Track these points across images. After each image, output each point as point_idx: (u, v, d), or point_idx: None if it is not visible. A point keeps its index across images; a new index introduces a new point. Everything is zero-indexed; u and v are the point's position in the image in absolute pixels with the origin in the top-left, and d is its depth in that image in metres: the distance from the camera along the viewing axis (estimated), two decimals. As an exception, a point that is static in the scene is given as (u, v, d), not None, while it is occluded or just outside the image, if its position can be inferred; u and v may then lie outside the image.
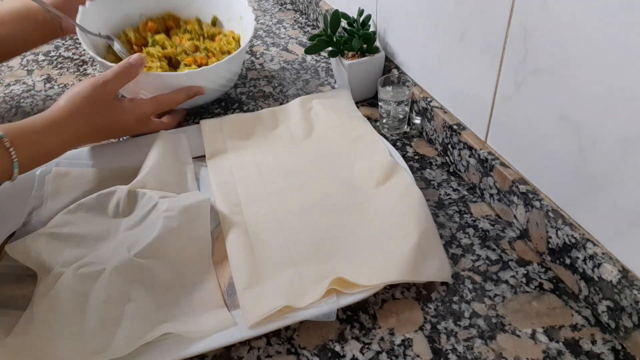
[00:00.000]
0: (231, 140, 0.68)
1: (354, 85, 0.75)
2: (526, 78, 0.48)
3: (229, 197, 0.59)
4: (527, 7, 0.46)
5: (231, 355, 0.45)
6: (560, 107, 0.45)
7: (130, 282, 0.47)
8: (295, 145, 0.67)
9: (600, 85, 0.40)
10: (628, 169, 0.40)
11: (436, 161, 0.66)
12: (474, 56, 0.55)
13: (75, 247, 0.52)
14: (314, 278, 0.48)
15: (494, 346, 0.44)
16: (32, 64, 0.95)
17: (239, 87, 0.84)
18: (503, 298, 0.48)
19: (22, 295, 0.50)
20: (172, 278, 0.50)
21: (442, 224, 0.56)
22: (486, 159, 0.56)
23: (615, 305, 0.43)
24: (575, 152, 0.45)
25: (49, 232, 0.52)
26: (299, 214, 0.56)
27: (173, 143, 0.66)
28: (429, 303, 0.48)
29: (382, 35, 0.76)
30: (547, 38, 0.44)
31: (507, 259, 0.52)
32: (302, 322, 0.47)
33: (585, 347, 0.44)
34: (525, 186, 0.52)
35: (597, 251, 0.44)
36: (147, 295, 0.47)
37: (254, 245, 0.53)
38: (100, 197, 0.56)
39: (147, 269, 0.48)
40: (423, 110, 0.68)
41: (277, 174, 0.62)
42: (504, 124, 0.54)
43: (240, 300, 0.47)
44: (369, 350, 0.45)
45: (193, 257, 0.52)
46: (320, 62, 0.89)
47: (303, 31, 1.01)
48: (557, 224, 0.47)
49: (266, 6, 1.14)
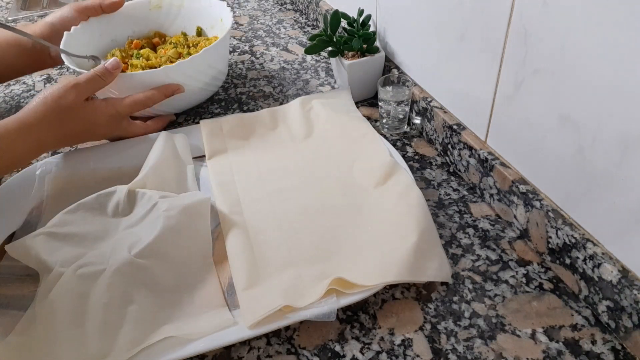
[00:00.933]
0: (231, 140, 0.68)
1: (354, 85, 0.75)
2: (526, 78, 0.48)
3: (229, 197, 0.59)
4: (527, 7, 0.46)
5: (231, 355, 0.45)
6: (560, 107, 0.45)
7: (132, 283, 0.47)
8: (295, 145, 0.67)
9: (600, 85, 0.40)
10: (628, 168, 0.40)
11: (436, 161, 0.66)
12: (474, 56, 0.55)
13: (75, 247, 0.52)
14: (313, 278, 0.48)
15: (494, 346, 0.44)
16: (32, 64, 0.95)
17: (239, 87, 0.84)
18: (503, 298, 0.48)
19: (22, 295, 0.50)
20: (173, 278, 0.50)
21: (442, 224, 0.56)
22: (486, 159, 0.56)
23: (615, 305, 0.43)
24: (575, 152, 0.45)
25: (49, 231, 0.52)
26: (299, 214, 0.56)
27: (173, 143, 0.66)
28: (429, 303, 0.48)
29: (382, 35, 0.76)
30: (547, 38, 0.44)
31: (507, 259, 0.52)
32: (302, 322, 0.47)
33: (585, 347, 0.43)
34: (525, 186, 0.52)
35: (597, 251, 0.44)
36: (148, 296, 0.47)
37: (254, 245, 0.53)
38: (100, 197, 0.56)
39: (148, 269, 0.48)
40: (423, 110, 0.68)
41: (277, 174, 0.62)
42: (504, 124, 0.54)
43: (240, 300, 0.47)
44: (369, 350, 0.45)
45: (193, 256, 0.52)
46: (320, 62, 0.89)
47: (303, 31, 1.01)
48: (557, 224, 0.47)
49: (266, 6, 1.14)
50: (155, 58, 0.77)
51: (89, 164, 0.65)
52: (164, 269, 0.49)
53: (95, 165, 0.65)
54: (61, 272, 0.48)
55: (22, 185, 0.61)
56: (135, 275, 0.48)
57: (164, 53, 0.79)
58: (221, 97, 0.81)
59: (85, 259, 0.49)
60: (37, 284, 0.50)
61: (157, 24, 0.88)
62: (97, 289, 0.46)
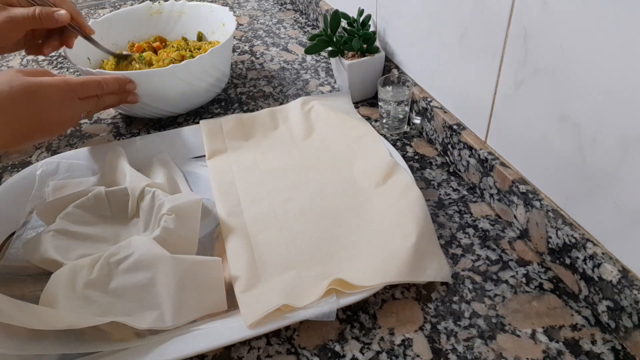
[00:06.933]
0: (231, 140, 0.68)
1: (354, 85, 0.75)
2: (526, 78, 0.48)
3: (229, 197, 0.59)
4: (527, 7, 0.46)
5: (231, 355, 0.45)
6: (560, 107, 0.45)
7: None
8: (295, 145, 0.67)
9: (600, 85, 0.40)
10: (628, 168, 0.40)
11: (436, 161, 0.66)
12: (474, 56, 0.55)
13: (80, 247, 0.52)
14: (313, 278, 0.48)
15: (494, 346, 0.44)
16: (32, 63, 0.96)
17: (239, 87, 0.84)
18: (503, 298, 0.48)
19: (22, 295, 0.49)
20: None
21: (442, 224, 0.56)
22: (486, 159, 0.56)
23: (615, 305, 0.43)
24: (575, 152, 0.45)
25: (55, 229, 0.52)
26: (299, 214, 0.56)
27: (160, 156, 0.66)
28: (429, 303, 0.48)
29: (382, 35, 0.76)
30: (547, 38, 0.44)
31: (507, 259, 0.52)
32: (302, 322, 0.47)
33: (585, 347, 0.43)
34: (525, 186, 0.52)
35: (597, 251, 0.44)
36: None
37: (254, 246, 0.53)
38: (101, 196, 0.56)
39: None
40: (423, 110, 0.68)
41: (277, 174, 0.62)
42: (504, 124, 0.54)
43: (239, 300, 0.47)
44: (369, 350, 0.45)
45: None
46: (320, 62, 0.89)
47: (303, 31, 1.01)
48: (557, 224, 0.47)
49: (266, 6, 1.14)
50: (157, 61, 0.77)
51: (89, 164, 0.65)
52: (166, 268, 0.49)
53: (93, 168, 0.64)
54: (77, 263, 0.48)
55: (22, 185, 0.61)
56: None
57: (166, 56, 0.79)
58: (221, 97, 0.81)
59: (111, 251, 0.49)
60: (37, 284, 0.50)
61: (157, 29, 0.88)
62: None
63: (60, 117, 0.58)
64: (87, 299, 0.45)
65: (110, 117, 0.79)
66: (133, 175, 0.59)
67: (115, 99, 0.67)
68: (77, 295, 0.45)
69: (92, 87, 0.62)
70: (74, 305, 0.45)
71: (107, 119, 0.78)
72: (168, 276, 0.46)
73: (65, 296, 0.45)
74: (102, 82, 0.63)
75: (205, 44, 0.83)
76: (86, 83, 0.61)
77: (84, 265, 0.47)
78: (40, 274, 0.50)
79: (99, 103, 0.64)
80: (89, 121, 0.78)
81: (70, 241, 0.52)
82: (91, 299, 0.45)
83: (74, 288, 0.46)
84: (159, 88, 0.70)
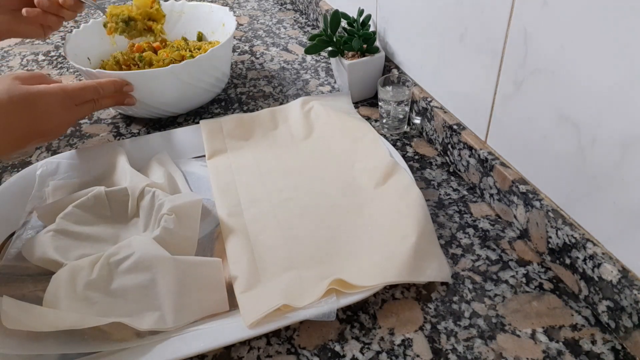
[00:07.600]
0: (231, 140, 0.68)
1: (354, 85, 0.75)
2: (526, 78, 0.48)
3: (229, 198, 0.59)
4: (527, 7, 0.46)
5: (231, 355, 0.45)
6: (560, 107, 0.45)
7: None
8: (295, 145, 0.67)
9: (600, 85, 0.40)
10: (628, 168, 0.40)
11: (436, 161, 0.66)
12: (474, 56, 0.55)
13: (80, 247, 0.52)
14: (313, 278, 0.48)
15: (494, 346, 0.44)
16: (32, 63, 0.96)
17: (239, 87, 0.84)
18: (503, 298, 0.48)
19: (22, 295, 0.50)
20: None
21: (442, 224, 0.56)
22: (486, 159, 0.56)
23: (615, 305, 0.43)
24: (575, 152, 0.45)
25: (55, 229, 0.52)
26: (299, 214, 0.56)
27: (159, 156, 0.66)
28: (429, 303, 0.48)
29: (382, 35, 0.76)
30: (547, 38, 0.44)
31: (507, 259, 0.52)
32: (302, 322, 0.47)
33: (585, 347, 0.43)
34: (525, 186, 0.52)
35: (597, 251, 0.44)
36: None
37: (254, 246, 0.53)
38: (101, 196, 0.56)
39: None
40: (423, 110, 0.68)
41: (277, 174, 0.62)
42: (504, 124, 0.54)
43: (239, 300, 0.47)
44: (369, 350, 0.45)
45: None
46: (320, 62, 0.89)
47: (303, 31, 1.01)
48: (557, 224, 0.47)
49: (266, 6, 1.14)
50: (157, 61, 0.77)
51: (88, 165, 0.65)
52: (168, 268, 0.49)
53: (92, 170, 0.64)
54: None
55: (22, 185, 0.61)
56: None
57: (166, 56, 0.79)
58: (221, 97, 0.81)
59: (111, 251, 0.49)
60: (37, 284, 0.50)
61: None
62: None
63: (57, 124, 0.59)
64: (88, 299, 0.45)
65: (110, 117, 0.79)
66: (133, 175, 0.59)
67: (112, 102, 0.67)
68: (78, 296, 0.45)
69: (89, 93, 0.62)
70: (75, 306, 0.45)
71: (107, 119, 0.78)
72: (168, 277, 0.46)
73: (66, 297, 0.45)
74: (99, 87, 0.63)
75: (205, 44, 0.83)
76: (83, 89, 0.61)
77: (84, 265, 0.47)
78: (40, 274, 0.51)
79: (96, 106, 0.65)
80: (89, 121, 0.78)
81: (70, 241, 0.52)
82: (92, 299, 0.46)
83: (75, 289, 0.46)
84: (159, 88, 0.70)
